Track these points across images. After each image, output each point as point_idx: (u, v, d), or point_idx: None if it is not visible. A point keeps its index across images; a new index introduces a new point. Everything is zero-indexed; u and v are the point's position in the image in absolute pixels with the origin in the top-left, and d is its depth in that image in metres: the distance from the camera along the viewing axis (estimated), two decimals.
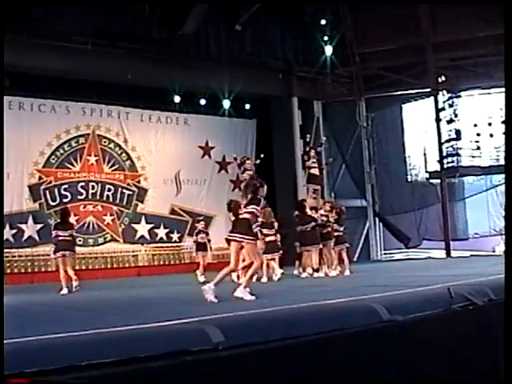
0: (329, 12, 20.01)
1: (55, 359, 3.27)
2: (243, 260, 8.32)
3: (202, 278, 12.68)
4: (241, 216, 7.75)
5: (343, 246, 13.25)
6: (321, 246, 12.62)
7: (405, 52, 20.31)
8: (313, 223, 12.43)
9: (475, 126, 20.52)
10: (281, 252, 12.34)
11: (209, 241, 14.29)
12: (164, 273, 18.52)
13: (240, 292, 7.30)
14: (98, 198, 19.11)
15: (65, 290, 10.83)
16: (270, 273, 11.97)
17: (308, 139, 15.80)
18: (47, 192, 18.35)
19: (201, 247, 14.13)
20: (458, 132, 20.32)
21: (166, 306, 7.53)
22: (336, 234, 13.04)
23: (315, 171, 14.10)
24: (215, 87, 18.71)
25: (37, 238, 17.77)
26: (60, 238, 11.24)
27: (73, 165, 18.89)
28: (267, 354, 4.02)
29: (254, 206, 7.55)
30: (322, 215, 12.97)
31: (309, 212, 12.72)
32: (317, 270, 12.38)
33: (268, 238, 11.91)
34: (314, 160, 14.20)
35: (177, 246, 20.15)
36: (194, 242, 14.42)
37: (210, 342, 3.82)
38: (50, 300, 9.77)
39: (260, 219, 10.79)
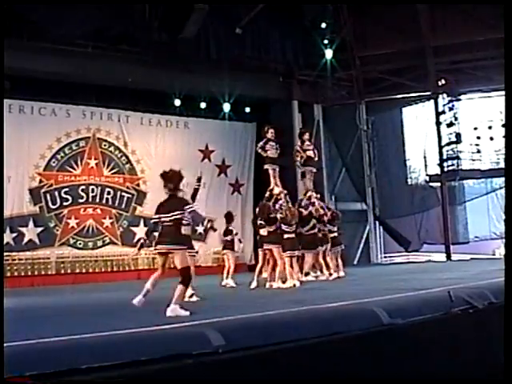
0: (329, 15, 20.00)
1: (55, 362, 3.27)
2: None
3: (228, 281, 11.83)
4: None
5: (338, 248, 13.24)
6: (318, 251, 12.61)
7: (405, 55, 20.34)
8: (312, 222, 12.38)
9: (475, 129, 20.52)
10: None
11: (239, 240, 13.01)
12: (164, 276, 18.46)
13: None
14: (97, 201, 19.07)
15: None
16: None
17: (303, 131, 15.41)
18: (48, 195, 18.33)
19: (228, 245, 12.31)
20: (458, 135, 20.31)
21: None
22: (331, 235, 13.03)
23: (311, 153, 13.97)
24: (215, 91, 18.71)
25: (37, 241, 17.73)
26: None
27: (73, 168, 18.87)
28: (267, 358, 4.02)
29: None
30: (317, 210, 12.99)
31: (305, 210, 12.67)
32: (307, 274, 12.36)
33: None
34: (309, 143, 14.09)
35: None
36: (222, 241, 12.58)
37: (210, 345, 3.83)
38: (50, 303, 9.77)
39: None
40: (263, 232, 11.04)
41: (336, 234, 13.18)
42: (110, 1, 16.63)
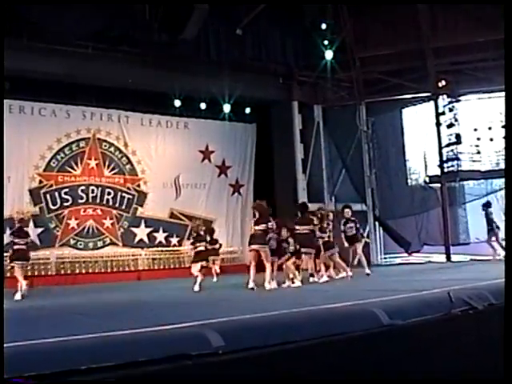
0: (329, 16, 20.02)
1: (54, 363, 3.26)
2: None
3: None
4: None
5: (332, 251, 13.12)
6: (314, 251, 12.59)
7: (405, 56, 20.32)
8: (311, 226, 12.39)
9: (475, 130, 20.48)
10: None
11: (220, 245, 14.33)
12: (164, 277, 18.48)
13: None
14: (97, 201, 19.10)
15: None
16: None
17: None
18: (48, 196, 18.34)
19: (215, 252, 14.14)
20: (458, 136, 20.27)
21: (166, 310, 7.52)
22: (322, 240, 12.92)
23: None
24: (215, 91, 18.72)
25: (37, 241, 17.72)
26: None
27: (73, 168, 18.90)
28: (267, 359, 4.01)
29: None
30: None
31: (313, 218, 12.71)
32: (312, 275, 12.35)
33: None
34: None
35: (177, 250, 20.13)
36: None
37: (209, 346, 3.82)
38: (50, 304, 9.76)
39: None
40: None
41: (326, 239, 13.08)
42: (110, 1, 16.63)
